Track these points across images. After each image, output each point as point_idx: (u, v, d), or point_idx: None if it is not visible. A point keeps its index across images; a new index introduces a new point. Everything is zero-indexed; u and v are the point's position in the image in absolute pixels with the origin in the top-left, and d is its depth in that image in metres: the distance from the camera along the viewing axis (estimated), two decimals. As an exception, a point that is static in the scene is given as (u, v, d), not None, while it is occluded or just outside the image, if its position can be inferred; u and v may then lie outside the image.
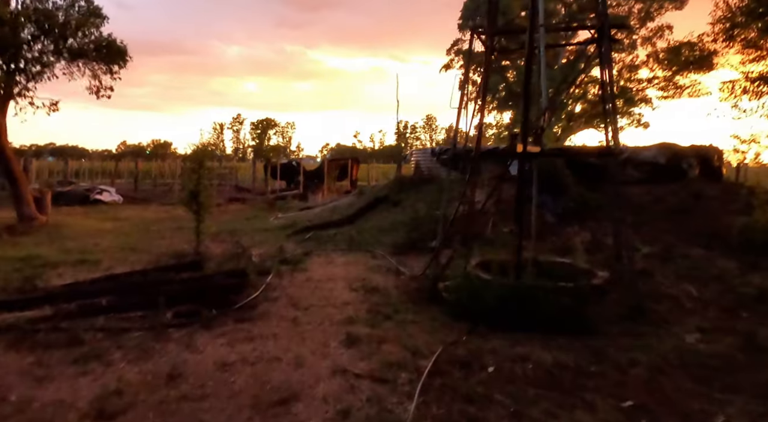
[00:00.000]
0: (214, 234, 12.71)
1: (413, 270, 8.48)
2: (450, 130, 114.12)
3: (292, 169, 24.88)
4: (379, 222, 11.66)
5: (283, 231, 12.67)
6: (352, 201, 14.47)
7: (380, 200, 13.19)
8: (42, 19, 11.10)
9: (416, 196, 12.69)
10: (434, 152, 13.35)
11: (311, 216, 14.14)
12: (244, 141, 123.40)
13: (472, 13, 37.24)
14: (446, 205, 10.56)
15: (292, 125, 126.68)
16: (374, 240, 10.74)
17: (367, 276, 8.23)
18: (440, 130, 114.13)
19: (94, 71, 12.51)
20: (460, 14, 38.24)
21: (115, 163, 28.55)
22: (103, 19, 12.07)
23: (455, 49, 39.59)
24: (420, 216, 10.85)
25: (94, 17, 11.97)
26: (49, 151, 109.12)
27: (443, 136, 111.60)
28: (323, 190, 21.30)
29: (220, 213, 18.37)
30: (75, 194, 20.44)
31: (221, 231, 13.15)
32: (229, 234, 12.79)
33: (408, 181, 14.13)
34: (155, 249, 10.74)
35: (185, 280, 7.15)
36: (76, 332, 5.37)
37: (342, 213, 13.39)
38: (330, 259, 9.59)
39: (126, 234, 13.21)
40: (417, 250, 9.75)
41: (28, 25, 11.01)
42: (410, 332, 5.80)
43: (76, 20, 11.57)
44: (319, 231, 11.97)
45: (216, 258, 9.71)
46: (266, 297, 7.13)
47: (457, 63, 39.90)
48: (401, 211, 11.94)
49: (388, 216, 12.00)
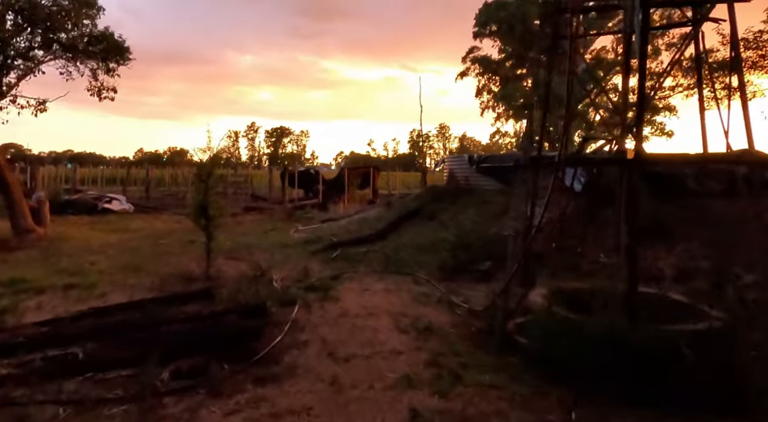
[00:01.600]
0: (229, 251, 11.13)
1: (470, 303, 6.78)
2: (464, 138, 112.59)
3: (309, 177, 23.32)
4: (416, 238, 9.98)
5: (305, 248, 11.04)
6: (380, 213, 12.84)
7: (413, 213, 11.53)
8: (27, 8, 9.61)
9: (454, 208, 11.00)
10: (472, 160, 11.72)
11: (336, 230, 12.51)
12: (259, 149, 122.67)
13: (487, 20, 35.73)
14: (498, 221, 8.87)
15: (306, 133, 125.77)
16: (413, 260, 9.06)
17: (414, 310, 6.56)
18: (453, 139, 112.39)
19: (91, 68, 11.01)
20: (475, 22, 36.72)
21: (127, 170, 27.16)
22: (98, 11, 10.58)
23: (471, 56, 38.09)
24: (465, 233, 9.16)
25: (87, 8, 10.47)
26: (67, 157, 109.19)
27: (456, 144, 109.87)
28: (344, 199, 19.70)
29: (236, 224, 16.82)
30: (82, 203, 19.02)
31: (237, 247, 11.56)
32: (246, 250, 11.19)
33: (442, 191, 12.46)
34: (161, 270, 9.16)
35: (191, 319, 5.52)
36: (31, 407, 3.74)
37: (371, 227, 11.75)
38: (365, 285, 7.93)
39: (131, 249, 11.65)
40: (467, 275, 8.06)
41: (11, 15, 9.53)
42: (494, 404, 4.11)
43: (65, 11, 10.05)
44: (347, 248, 10.32)
45: (230, 282, 8.11)
46: (293, 339, 5.49)
47: (473, 71, 38.38)
48: (440, 227, 10.26)
49: (425, 231, 10.32)
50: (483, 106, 39.59)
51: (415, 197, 13.28)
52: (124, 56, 11.30)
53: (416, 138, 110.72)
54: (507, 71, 38.57)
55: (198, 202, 7.86)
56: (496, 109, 39.49)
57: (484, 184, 11.30)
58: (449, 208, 10.99)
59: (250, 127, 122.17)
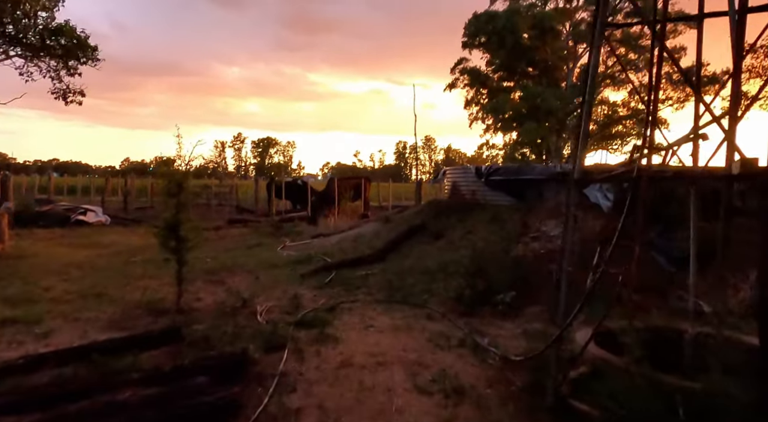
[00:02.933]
0: (209, 272, 9.66)
1: (501, 347, 5.41)
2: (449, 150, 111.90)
3: (297, 188, 21.83)
4: (422, 260, 8.61)
5: (295, 269, 9.59)
6: (377, 229, 11.45)
7: (415, 230, 10.17)
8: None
9: (463, 226, 9.66)
10: (480, 172, 10.42)
11: (328, 248, 11.08)
12: (245, 159, 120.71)
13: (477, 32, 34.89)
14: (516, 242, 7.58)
15: (293, 144, 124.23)
16: (421, 287, 7.67)
17: (434, 358, 5.16)
18: (439, 151, 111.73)
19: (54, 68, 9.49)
20: (464, 32, 35.88)
21: (106, 180, 25.27)
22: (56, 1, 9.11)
23: (459, 68, 37.19)
24: (480, 256, 7.80)
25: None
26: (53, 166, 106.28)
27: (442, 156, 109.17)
28: (334, 212, 18.28)
29: (219, 238, 15.31)
30: (54, 215, 17.32)
31: (218, 267, 10.08)
32: (228, 271, 9.72)
33: (446, 206, 11.11)
34: (128, 296, 7.68)
35: (146, 379, 4.05)
36: None
37: (368, 245, 10.35)
38: (368, 319, 6.51)
39: (98, 269, 10.11)
40: (487, 307, 6.69)
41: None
42: None
43: (13, 0, 8.57)
44: (343, 270, 8.91)
45: (205, 314, 6.66)
46: (281, 407, 4.07)
47: (462, 82, 37.50)
48: (449, 247, 8.90)
49: (431, 252, 8.95)
50: (472, 118, 38.67)
51: (416, 212, 11.91)
52: (88, 54, 9.79)
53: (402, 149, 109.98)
54: (496, 83, 37.73)
55: (167, 220, 6.40)
56: (486, 121, 38.57)
57: (495, 198, 10.01)
58: (457, 225, 9.65)
59: (236, 138, 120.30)
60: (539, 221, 8.40)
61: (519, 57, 35.16)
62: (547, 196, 9.21)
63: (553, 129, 35.85)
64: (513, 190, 9.71)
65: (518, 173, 9.83)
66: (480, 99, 38.15)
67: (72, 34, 9.36)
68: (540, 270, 7.28)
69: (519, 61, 35.53)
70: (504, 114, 36.28)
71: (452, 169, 12.76)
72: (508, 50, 34.13)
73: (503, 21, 33.33)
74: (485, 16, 34.74)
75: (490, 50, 35.40)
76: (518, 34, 33.94)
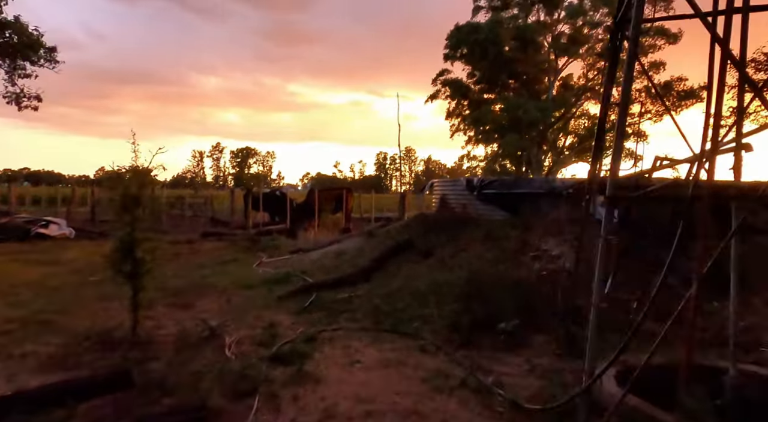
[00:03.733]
0: (177, 292, 8.72)
1: (507, 387, 4.63)
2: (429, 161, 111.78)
3: (276, 199, 20.87)
4: (412, 281, 7.81)
5: (271, 289, 8.71)
6: (361, 245, 10.63)
7: (402, 246, 9.38)
8: None
9: (453, 242, 8.92)
10: (472, 184, 9.71)
11: (308, 265, 10.22)
12: (224, 169, 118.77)
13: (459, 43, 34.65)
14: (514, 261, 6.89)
15: (273, 154, 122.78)
16: (411, 312, 6.87)
17: (432, 405, 4.35)
18: (420, 162, 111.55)
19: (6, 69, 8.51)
20: (446, 44, 35.62)
21: (72, 189, 23.84)
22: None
23: (441, 79, 36.88)
24: (476, 277, 7.05)
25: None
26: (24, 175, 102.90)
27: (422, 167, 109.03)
28: (314, 225, 17.40)
29: (191, 253, 14.29)
30: (13, 228, 16.05)
31: (185, 287, 9.14)
32: (196, 292, 8.79)
33: (435, 220, 10.35)
34: (78, 324, 6.69)
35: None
36: None
37: (351, 262, 9.53)
38: (353, 352, 5.67)
39: (51, 290, 9.07)
40: (490, 337, 5.91)
41: None
42: None
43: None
44: (324, 291, 8.06)
45: (166, 346, 5.75)
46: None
47: (444, 93, 37.19)
48: (440, 266, 8.13)
49: (421, 271, 8.17)
50: (453, 129, 38.33)
51: (402, 226, 11.12)
52: (42, 54, 8.80)
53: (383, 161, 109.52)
54: (477, 95, 37.46)
55: (120, 240, 5.50)
56: (467, 132, 38.23)
57: (488, 213, 9.30)
58: (448, 242, 8.90)
59: (215, 148, 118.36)
60: (539, 238, 7.71)
61: (501, 68, 34.96)
62: (545, 211, 8.53)
63: (534, 141, 35.69)
64: (508, 204, 9.02)
65: (514, 186, 9.15)
66: (462, 110, 37.86)
67: (22, 30, 8.40)
68: (543, 293, 6.55)
69: (501, 72, 35.33)
70: (486, 125, 36.02)
71: (441, 180, 12.04)
72: (491, 61, 33.92)
73: (486, 32, 33.10)
74: (468, 27, 34.52)
75: (472, 62, 35.16)
76: (501, 45, 33.78)
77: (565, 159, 37.10)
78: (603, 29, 32.84)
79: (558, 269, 6.92)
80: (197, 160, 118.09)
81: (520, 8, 35.04)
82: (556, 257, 7.20)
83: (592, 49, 34.48)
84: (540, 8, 34.83)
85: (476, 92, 37.26)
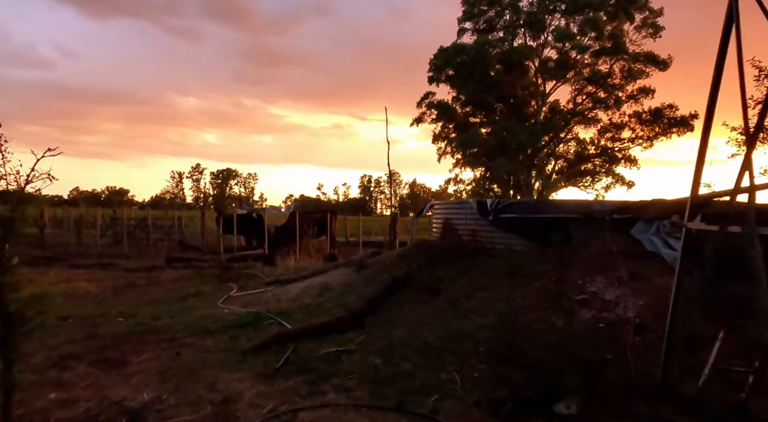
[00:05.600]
0: (113, 340, 6.70)
1: None
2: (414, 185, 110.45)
3: (252, 221, 18.86)
4: (419, 330, 5.92)
5: (236, 338, 6.72)
6: (350, 277, 8.72)
7: (402, 282, 7.52)
8: None
9: (467, 279, 7.09)
10: (485, 207, 7.92)
11: (285, 302, 8.26)
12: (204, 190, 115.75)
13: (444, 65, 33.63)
14: (554, 306, 5.12)
15: (255, 176, 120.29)
16: (422, 376, 4.95)
17: None
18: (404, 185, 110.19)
19: None
20: (429, 67, 34.62)
21: (21, 208, 21.38)
22: None
23: (427, 102, 35.69)
24: (504, 326, 5.21)
25: None
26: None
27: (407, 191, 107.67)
28: (296, 250, 15.43)
29: (148, 284, 12.16)
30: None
31: (126, 333, 7.11)
32: (138, 341, 6.75)
33: (440, 250, 8.46)
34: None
35: None
36: None
37: (338, 300, 7.60)
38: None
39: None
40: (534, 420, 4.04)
41: None
42: None
43: None
44: (305, 341, 6.11)
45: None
46: None
47: (429, 116, 36.00)
48: (453, 310, 6.26)
49: (429, 316, 6.29)
50: (440, 152, 36.99)
51: (398, 256, 9.22)
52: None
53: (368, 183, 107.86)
54: (463, 117, 36.28)
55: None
56: (455, 155, 36.91)
57: (505, 242, 7.50)
58: (459, 278, 7.08)
59: (194, 169, 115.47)
60: (581, 276, 5.94)
61: (487, 90, 33.92)
62: (579, 240, 6.80)
63: (524, 164, 34.52)
64: (530, 231, 7.25)
65: (539, 210, 7.39)
66: (448, 133, 36.61)
67: None
68: (602, 354, 4.74)
69: (488, 94, 34.27)
70: (473, 148, 34.83)
71: (444, 202, 10.24)
72: (477, 83, 32.85)
73: (473, 53, 32.07)
74: (453, 48, 33.54)
75: (458, 84, 34.10)
76: (488, 66, 32.81)
77: (556, 183, 35.93)
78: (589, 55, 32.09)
79: (619, 320, 5.13)
80: (176, 181, 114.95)
81: (506, 31, 34.21)
82: (610, 303, 5.43)
83: (580, 74, 33.64)
84: (526, 32, 34.05)
85: (462, 115, 36.17)
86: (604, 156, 34.13)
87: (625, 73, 32.34)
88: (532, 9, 32.64)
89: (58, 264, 15.13)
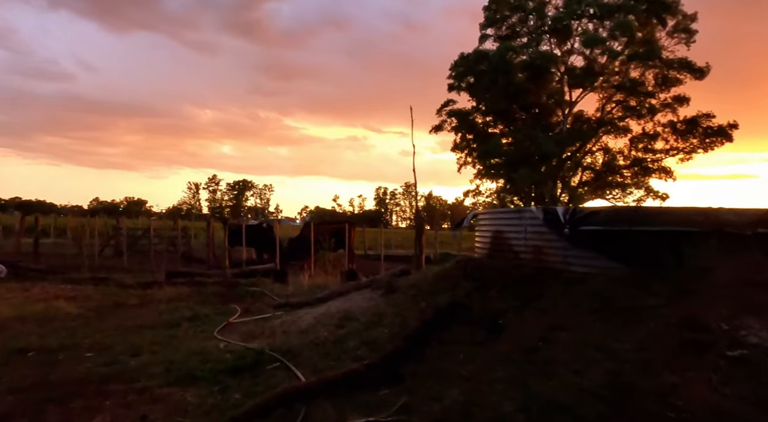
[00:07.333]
0: (59, 393, 4.93)
1: None
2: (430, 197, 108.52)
3: (262, 233, 17.18)
4: (479, 389, 4.05)
5: (226, 389, 4.91)
6: (376, 304, 6.88)
7: (448, 314, 5.67)
8: None
9: (537, 310, 5.21)
10: (556, 217, 5.96)
11: (296, 335, 6.44)
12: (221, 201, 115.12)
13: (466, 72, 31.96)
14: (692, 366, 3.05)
15: (270, 187, 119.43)
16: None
17: None
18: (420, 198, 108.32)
19: None
20: (449, 73, 32.95)
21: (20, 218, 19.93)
22: None
23: (446, 110, 34.00)
24: (620, 398, 3.31)
25: None
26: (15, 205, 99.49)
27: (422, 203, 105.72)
28: (310, 265, 13.67)
29: (140, 304, 10.43)
30: None
31: (88, 376, 5.35)
32: (96, 392, 4.97)
33: (490, 270, 6.60)
34: None
35: None
36: None
37: (364, 337, 5.75)
38: None
39: None
40: None
41: None
42: None
43: None
44: (319, 401, 4.28)
45: None
46: None
47: (450, 125, 34.27)
48: (527, 359, 4.36)
49: (495, 368, 4.40)
50: (461, 163, 35.10)
51: (436, 278, 7.29)
52: None
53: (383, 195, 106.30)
54: (483, 127, 34.45)
55: None
56: (476, 166, 34.98)
57: (587, 263, 5.52)
58: (525, 310, 5.20)
59: (211, 180, 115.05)
60: (723, 318, 4.03)
61: (511, 99, 32.07)
62: (694, 261, 4.87)
63: (549, 175, 32.50)
64: (625, 249, 5.26)
65: (637, 220, 5.38)
66: (469, 143, 34.77)
67: None
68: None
69: (511, 102, 32.42)
70: (495, 158, 33.01)
71: (493, 211, 8.34)
72: (499, 91, 31.02)
73: (496, 58, 30.30)
74: (475, 55, 31.86)
75: (478, 93, 32.35)
76: (512, 73, 30.99)
77: (582, 195, 33.77)
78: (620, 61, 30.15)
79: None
80: (193, 192, 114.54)
81: (530, 38, 32.45)
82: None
83: (609, 82, 31.60)
84: (551, 38, 32.25)
85: (482, 125, 34.38)
86: (636, 167, 31.95)
87: (659, 81, 30.21)
88: (558, 14, 30.79)
89: (49, 277, 13.53)
